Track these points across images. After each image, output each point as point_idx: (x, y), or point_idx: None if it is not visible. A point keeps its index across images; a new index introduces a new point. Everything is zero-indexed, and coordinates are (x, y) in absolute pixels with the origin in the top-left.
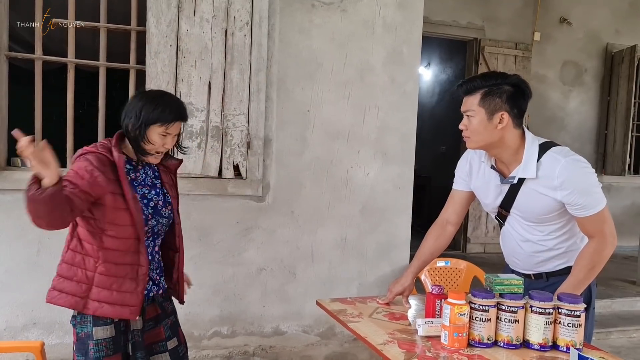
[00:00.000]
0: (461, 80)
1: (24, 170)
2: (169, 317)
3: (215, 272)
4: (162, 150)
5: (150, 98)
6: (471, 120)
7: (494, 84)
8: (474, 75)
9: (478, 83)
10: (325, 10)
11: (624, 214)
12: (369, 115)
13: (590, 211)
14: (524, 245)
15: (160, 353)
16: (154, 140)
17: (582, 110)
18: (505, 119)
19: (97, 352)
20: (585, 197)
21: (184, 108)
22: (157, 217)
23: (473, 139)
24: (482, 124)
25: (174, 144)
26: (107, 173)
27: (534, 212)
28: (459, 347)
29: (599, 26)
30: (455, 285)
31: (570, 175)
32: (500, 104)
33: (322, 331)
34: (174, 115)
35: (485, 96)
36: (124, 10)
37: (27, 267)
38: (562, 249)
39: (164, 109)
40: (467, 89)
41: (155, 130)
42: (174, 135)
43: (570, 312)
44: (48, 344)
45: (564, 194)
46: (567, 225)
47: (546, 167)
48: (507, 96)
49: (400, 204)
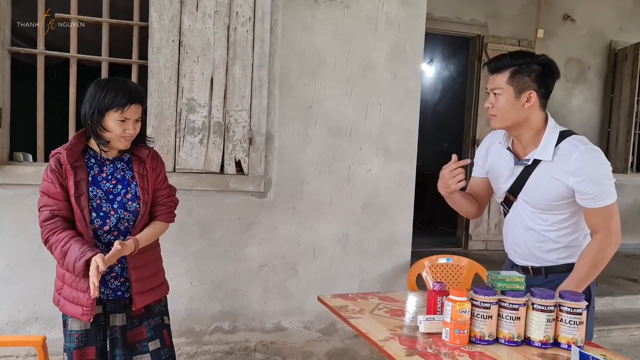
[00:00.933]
0: (488, 59)
1: (26, 165)
2: (154, 318)
3: (216, 267)
4: (125, 136)
5: (101, 85)
6: (498, 98)
7: (523, 63)
8: (502, 54)
9: (507, 61)
10: (328, 6)
11: (627, 212)
12: (372, 112)
13: (599, 203)
14: (526, 234)
15: (142, 353)
16: (112, 128)
17: (585, 108)
18: (533, 97)
19: (69, 342)
20: (597, 187)
21: (138, 90)
22: (121, 211)
23: (500, 117)
24: (510, 102)
25: (137, 130)
26: (64, 174)
27: (542, 198)
28: (460, 344)
29: (603, 23)
30: (457, 282)
31: (586, 163)
32: (528, 83)
33: (323, 327)
34: (127, 98)
35: (514, 74)
36: (127, 6)
37: (29, 261)
38: (563, 242)
39: (116, 94)
40: (496, 67)
41: (112, 116)
42: (134, 120)
43: (572, 309)
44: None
45: (577, 180)
46: (571, 218)
47: (564, 152)
48: (536, 75)
49: (402, 201)
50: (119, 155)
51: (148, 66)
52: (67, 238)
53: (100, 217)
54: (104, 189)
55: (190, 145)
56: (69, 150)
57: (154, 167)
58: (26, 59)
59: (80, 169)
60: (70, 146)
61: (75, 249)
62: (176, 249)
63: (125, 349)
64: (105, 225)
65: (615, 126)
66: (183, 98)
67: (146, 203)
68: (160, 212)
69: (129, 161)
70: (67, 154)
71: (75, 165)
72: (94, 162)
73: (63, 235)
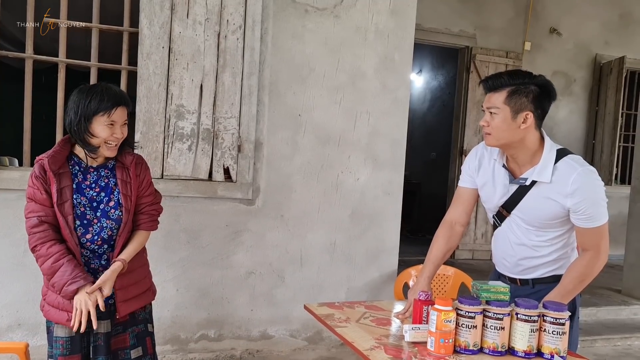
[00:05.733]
0: (485, 77)
1: (11, 169)
2: (138, 325)
3: (203, 275)
4: (112, 140)
5: (85, 91)
6: (494, 117)
7: (521, 83)
8: (499, 72)
9: (505, 80)
10: (318, 16)
11: (611, 224)
12: (360, 121)
13: (594, 223)
14: (518, 248)
15: None
16: (99, 133)
17: (570, 120)
18: (529, 119)
19: (55, 349)
20: (593, 208)
21: (122, 94)
22: (104, 220)
23: (494, 136)
24: (506, 122)
25: (124, 134)
26: (48, 181)
27: (538, 217)
28: (445, 354)
29: (589, 37)
30: (443, 291)
31: (584, 184)
32: (525, 104)
33: (310, 335)
34: (112, 101)
35: (511, 94)
36: (117, 11)
37: (13, 267)
38: (553, 256)
39: (101, 98)
40: (493, 86)
41: (99, 121)
42: (121, 124)
43: (555, 320)
44: (32, 345)
45: (575, 201)
46: (564, 235)
47: (561, 173)
48: (533, 96)
49: (390, 210)
50: (104, 163)
51: (137, 72)
52: (58, 255)
53: (83, 225)
54: (88, 197)
55: (178, 152)
56: (52, 157)
57: (137, 173)
58: (13, 62)
59: (65, 175)
60: (53, 153)
61: (67, 271)
62: (163, 255)
63: (108, 356)
64: (88, 233)
65: (600, 138)
66: (172, 104)
67: (129, 210)
68: (143, 221)
69: (113, 168)
70: (50, 161)
71: (59, 172)
72: (79, 169)
73: (54, 250)
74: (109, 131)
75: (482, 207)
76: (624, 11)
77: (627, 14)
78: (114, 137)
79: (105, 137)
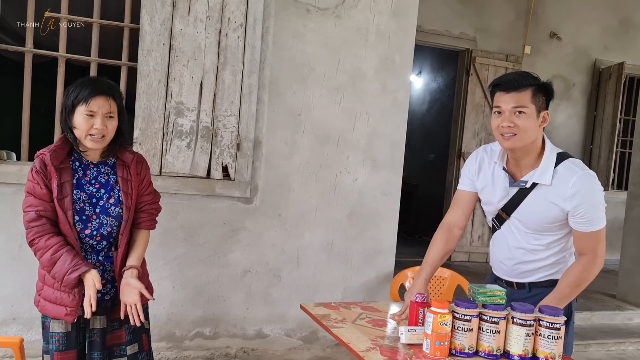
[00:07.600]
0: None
1: (9, 163)
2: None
3: (199, 272)
4: (94, 132)
5: (74, 84)
6: (522, 117)
7: (539, 83)
8: (514, 72)
9: (528, 80)
10: (319, 16)
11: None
12: (360, 121)
13: (592, 227)
14: (516, 252)
15: (120, 357)
16: (79, 124)
17: (568, 124)
18: (547, 118)
19: (51, 344)
20: (592, 212)
21: (107, 85)
22: (104, 216)
23: (520, 137)
24: (533, 122)
25: (108, 126)
26: (49, 176)
27: (537, 219)
28: (441, 356)
29: (588, 42)
30: (439, 293)
31: (584, 188)
32: (543, 103)
33: (305, 335)
34: (90, 90)
35: (535, 93)
36: (118, 7)
37: (9, 261)
38: (551, 260)
39: (81, 89)
40: (520, 85)
41: (79, 110)
42: (104, 115)
43: (551, 324)
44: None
45: (574, 204)
46: (562, 239)
47: (562, 176)
48: (545, 96)
49: (388, 211)
50: (104, 159)
51: (138, 68)
52: (57, 246)
53: (82, 220)
54: (87, 193)
55: (177, 149)
56: (53, 152)
57: (138, 172)
58: (12, 56)
59: (65, 171)
60: (55, 148)
61: (67, 260)
62: (159, 252)
63: (104, 352)
64: (87, 229)
65: (597, 143)
66: (172, 101)
67: (129, 208)
68: (143, 220)
69: (114, 165)
70: (51, 156)
71: (60, 167)
72: (79, 165)
73: (52, 242)
74: (89, 122)
75: (479, 210)
76: (623, 16)
77: (626, 19)
78: (95, 128)
79: (86, 128)
